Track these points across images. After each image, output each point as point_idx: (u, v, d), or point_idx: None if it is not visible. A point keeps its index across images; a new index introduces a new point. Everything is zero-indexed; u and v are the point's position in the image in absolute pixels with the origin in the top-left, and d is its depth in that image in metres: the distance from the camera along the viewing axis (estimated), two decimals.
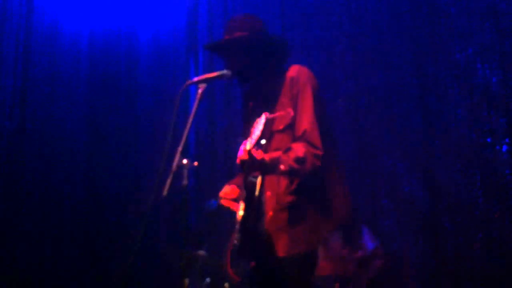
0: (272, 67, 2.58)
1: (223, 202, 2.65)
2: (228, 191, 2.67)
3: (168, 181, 2.21)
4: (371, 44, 4.07)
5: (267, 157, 2.33)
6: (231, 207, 2.60)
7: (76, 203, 5.08)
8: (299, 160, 2.30)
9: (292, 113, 2.32)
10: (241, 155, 2.31)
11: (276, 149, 2.40)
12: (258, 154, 2.28)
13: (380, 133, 3.96)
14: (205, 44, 5.02)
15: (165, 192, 2.18)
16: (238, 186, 2.64)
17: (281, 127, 2.45)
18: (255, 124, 2.24)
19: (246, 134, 2.33)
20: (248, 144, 2.22)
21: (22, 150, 4.84)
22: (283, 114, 2.30)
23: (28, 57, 4.97)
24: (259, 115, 2.31)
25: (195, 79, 2.52)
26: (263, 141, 2.24)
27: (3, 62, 4.82)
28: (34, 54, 5.02)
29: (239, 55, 2.56)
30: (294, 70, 2.49)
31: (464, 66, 3.60)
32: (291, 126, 2.42)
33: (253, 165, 2.30)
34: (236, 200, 2.60)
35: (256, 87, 2.65)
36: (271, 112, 2.37)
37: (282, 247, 2.37)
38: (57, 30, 5.21)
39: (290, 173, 2.35)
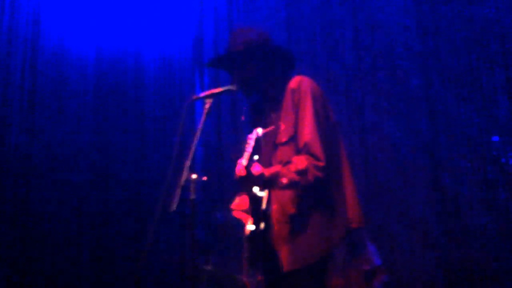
0: (277, 78, 2.55)
1: (234, 214, 2.62)
2: (239, 203, 2.64)
3: (177, 195, 2.22)
4: (379, 55, 4.09)
5: (266, 172, 2.33)
6: (243, 219, 2.57)
7: (83, 220, 5.10)
8: (300, 172, 2.29)
9: (283, 126, 2.32)
10: (239, 171, 2.30)
11: (281, 162, 2.39)
12: (256, 170, 2.28)
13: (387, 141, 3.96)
14: (207, 62, 4.94)
15: (174, 207, 2.19)
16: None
17: (284, 139, 2.43)
18: (247, 139, 2.24)
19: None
20: (244, 160, 2.22)
21: (30, 164, 4.86)
22: (273, 128, 2.31)
23: (35, 73, 5.02)
24: (267, 126, 2.32)
25: (202, 94, 2.51)
26: (256, 157, 2.24)
27: (11, 77, 4.87)
28: (41, 67, 5.06)
29: (242, 67, 2.54)
30: (295, 81, 2.47)
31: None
32: (294, 138, 2.40)
33: (251, 180, 2.30)
34: (248, 212, 2.56)
35: (263, 98, 2.62)
36: (276, 124, 2.38)
37: (286, 261, 2.35)
38: (63, 46, 5.26)
39: (292, 186, 2.33)
